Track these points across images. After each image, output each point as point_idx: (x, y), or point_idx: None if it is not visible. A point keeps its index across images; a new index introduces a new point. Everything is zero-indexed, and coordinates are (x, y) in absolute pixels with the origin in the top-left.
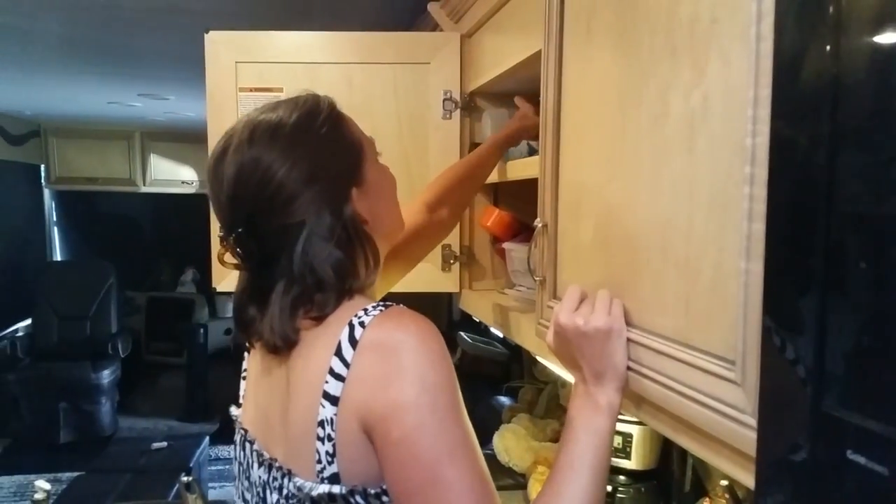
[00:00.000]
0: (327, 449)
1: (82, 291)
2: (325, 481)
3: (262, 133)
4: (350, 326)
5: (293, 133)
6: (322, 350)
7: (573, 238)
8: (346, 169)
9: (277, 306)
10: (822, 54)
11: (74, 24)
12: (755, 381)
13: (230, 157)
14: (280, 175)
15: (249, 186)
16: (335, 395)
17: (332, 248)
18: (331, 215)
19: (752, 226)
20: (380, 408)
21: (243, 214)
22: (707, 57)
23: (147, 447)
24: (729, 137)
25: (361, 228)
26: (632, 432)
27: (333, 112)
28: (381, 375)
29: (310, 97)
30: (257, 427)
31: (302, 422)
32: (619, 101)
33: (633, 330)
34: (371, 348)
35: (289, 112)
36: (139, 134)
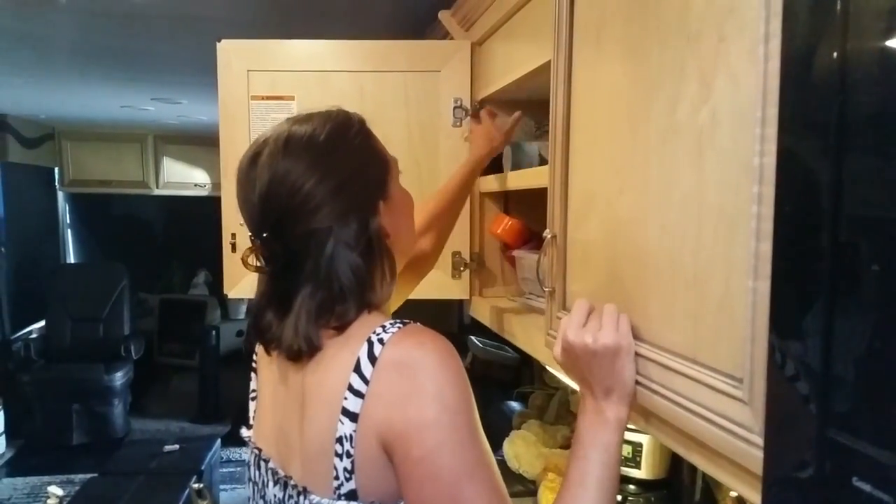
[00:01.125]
0: (345, 465)
1: (95, 293)
2: (342, 498)
3: (296, 143)
4: (369, 343)
5: (326, 144)
6: (340, 366)
7: (582, 249)
8: (374, 182)
9: (303, 310)
10: (828, 73)
11: (89, 31)
12: (763, 399)
13: (263, 162)
14: (310, 184)
15: (281, 193)
16: (354, 411)
17: (356, 259)
18: (357, 224)
19: (759, 245)
20: (400, 426)
21: (272, 219)
22: (715, 74)
23: (159, 449)
24: (737, 155)
25: (384, 241)
26: (642, 442)
27: (363, 128)
28: (401, 394)
29: (341, 112)
30: (272, 445)
31: (319, 438)
32: (629, 114)
33: (641, 344)
34: (390, 366)
35: (322, 124)
36: (152, 137)
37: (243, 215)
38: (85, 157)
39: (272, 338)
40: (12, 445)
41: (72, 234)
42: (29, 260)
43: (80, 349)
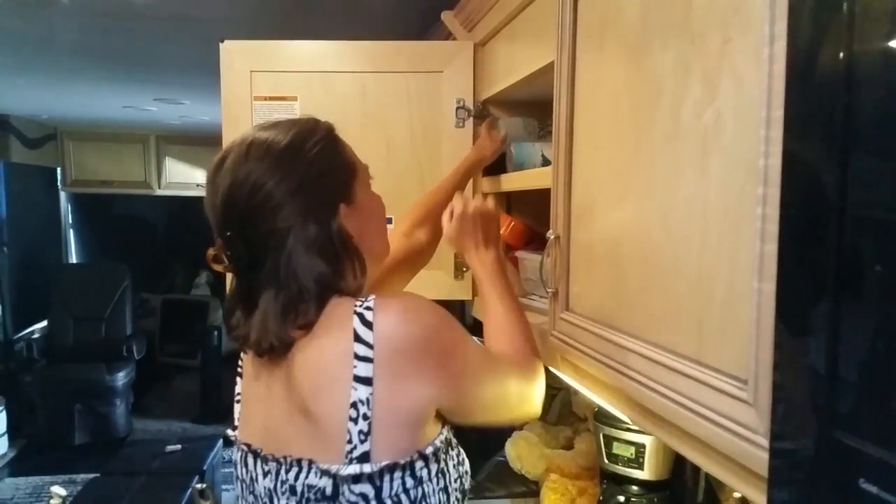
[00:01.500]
0: (361, 428)
1: (97, 293)
2: (353, 461)
3: (257, 149)
4: (358, 315)
5: (285, 150)
6: (335, 343)
7: (585, 250)
8: (335, 185)
9: (268, 309)
10: (834, 74)
11: (91, 31)
12: (768, 401)
13: (226, 168)
14: (269, 185)
15: (241, 194)
16: (366, 376)
17: (315, 259)
18: (315, 225)
19: (764, 246)
20: (433, 361)
21: (234, 218)
22: (719, 75)
23: (161, 449)
24: (742, 157)
25: (349, 241)
26: (645, 443)
27: (329, 135)
28: (413, 336)
29: (309, 120)
30: (261, 438)
31: (328, 409)
32: (632, 116)
33: (645, 345)
34: (391, 322)
35: (285, 131)
36: (154, 137)
37: (210, 218)
38: (87, 157)
39: (239, 335)
40: (15, 445)
41: (74, 235)
42: (31, 260)
43: (83, 349)
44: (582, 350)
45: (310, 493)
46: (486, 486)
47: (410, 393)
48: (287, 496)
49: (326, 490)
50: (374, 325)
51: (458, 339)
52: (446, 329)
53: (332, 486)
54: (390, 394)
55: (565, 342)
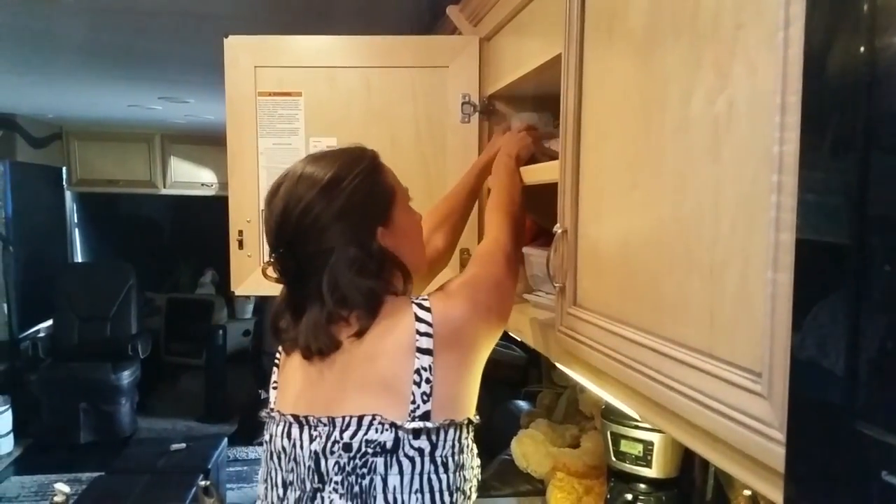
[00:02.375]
0: (424, 390)
1: (103, 293)
2: (416, 419)
3: (308, 177)
4: (417, 304)
5: (331, 180)
6: (399, 328)
7: (594, 244)
8: (374, 210)
9: (312, 320)
10: (854, 57)
11: (96, 29)
12: (783, 394)
13: (281, 193)
14: (316, 210)
15: (292, 217)
16: (428, 347)
17: (356, 276)
18: (356, 247)
19: (779, 235)
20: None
21: (285, 238)
22: (732, 62)
23: (166, 448)
24: (755, 145)
25: (390, 256)
26: (653, 440)
27: (371, 164)
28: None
29: (356, 149)
30: (310, 405)
31: (394, 376)
32: (642, 107)
33: (655, 339)
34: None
35: (332, 163)
36: (159, 136)
37: (266, 237)
38: (92, 156)
39: (287, 338)
40: (20, 444)
41: (79, 234)
42: (37, 259)
43: (88, 348)
44: (590, 345)
45: (367, 448)
46: (492, 484)
47: (467, 357)
48: (338, 454)
49: (387, 444)
50: (431, 310)
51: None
52: (481, 292)
53: (393, 439)
54: (450, 361)
55: (573, 338)
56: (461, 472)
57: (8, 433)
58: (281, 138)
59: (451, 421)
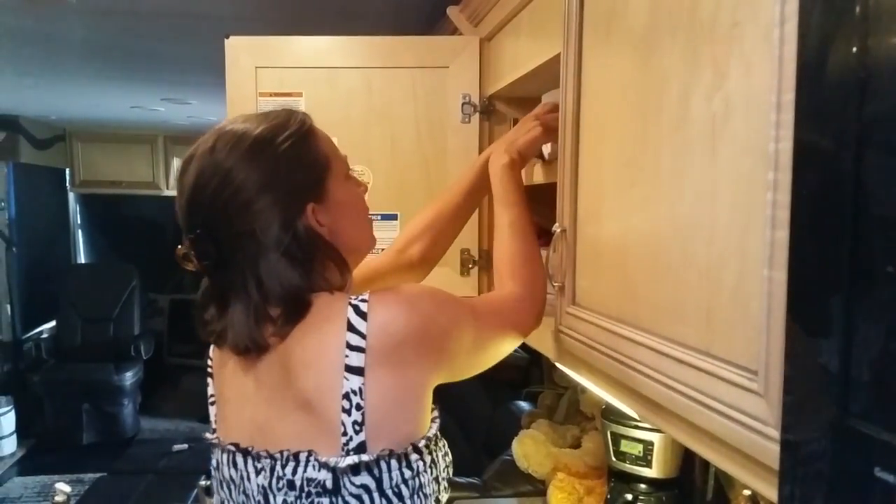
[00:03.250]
0: (355, 419)
1: (106, 294)
2: (350, 453)
3: (225, 142)
4: (352, 307)
5: (254, 144)
6: (327, 334)
7: (592, 243)
8: (302, 184)
9: (240, 313)
10: (848, 55)
11: (98, 31)
12: (779, 392)
13: (194, 163)
14: (237, 182)
15: (207, 190)
16: (358, 366)
17: (281, 262)
18: (280, 227)
19: (775, 233)
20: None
21: (200, 217)
22: (728, 60)
23: (168, 449)
24: (751, 142)
25: (319, 240)
26: (653, 440)
27: (302, 128)
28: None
29: (282, 112)
30: (250, 433)
31: (324, 401)
32: (640, 105)
33: (652, 338)
34: (387, 313)
35: (256, 124)
36: (162, 138)
37: (179, 216)
38: (96, 158)
39: (213, 331)
40: (23, 444)
41: (82, 235)
42: (40, 260)
43: (91, 349)
44: (589, 345)
45: (310, 487)
46: (493, 485)
47: (408, 379)
48: (285, 491)
49: (327, 483)
50: (368, 316)
51: (457, 318)
52: (444, 311)
53: (332, 479)
54: (385, 380)
55: (572, 337)
56: (420, 493)
57: (11, 434)
58: None
59: (389, 451)
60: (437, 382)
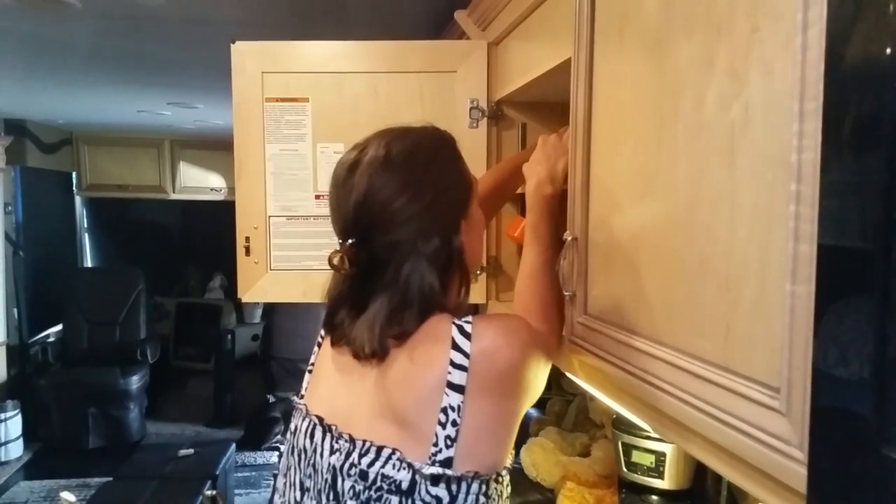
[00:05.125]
0: (448, 433)
1: (112, 298)
2: (436, 464)
3: (396, 156)
4: (457, 326)
5: (420, 163)
6: (433, 350)
7: (604, 252)
8: (459, 201)
9: (375, 318)
10: (881, 61)
11: (105, 35)
12: (802, 410)
13: (363, 171)
14: (402, 200)
15: (375, 204)
16: (459, 384)
17: (431, 273)
18: (440, 240)
19: (798, 246)
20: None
21: (363, 226)
22: (747, 67)
23: (174, 454)
24: (772, 152)
25: (462, 258)
26: (665, 451)
27: (455, 149)
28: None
29: (436, 131)
30: (337, 414)
31: (416, 412)
32: (654, 111)
33: (667, 350)
34: (491, 339)
35: (418, 143)
36: (168, 142)
37: (334, 218)
38: (102, 161)
39: (342, 335)
40: (29, 449)
41: (89, 239)
42: (46, 264)
43: (97, 353)
44: (600, 355)
45: (383, 483)
46: None
47: (506, 409)
48: (355, 479)
49: (402, 484)
50: (472, 337)
51: (540, 353)
52: (535, 346)
53: (409, 481)
54: (484, 408)
55: (583, 346)
56: None
57: (17, 438)
58: (288, 144)
59: (475, 473)
60: (525, 411)
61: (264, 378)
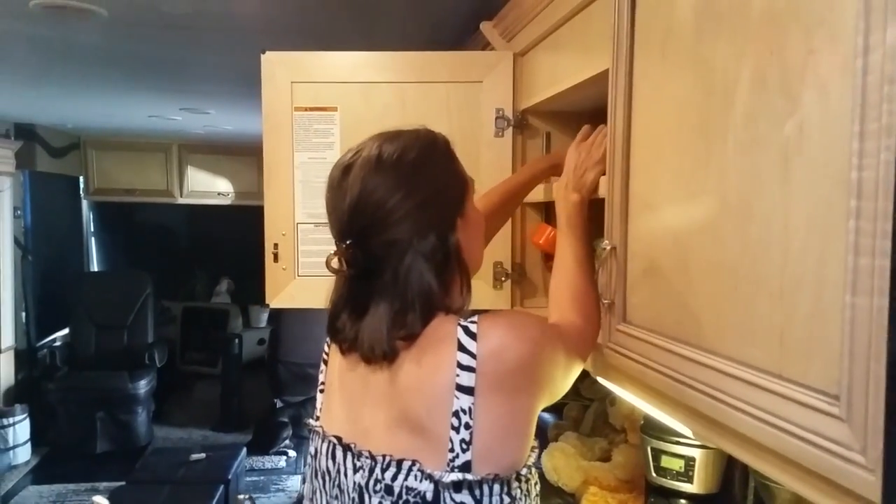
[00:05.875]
0: (463, 437)
1: (120, 302)
2: (455, 470)
3: (386, 160)
4: (463, 328)
5: (413, 163)
6: (440, 352)
7: (645, 261)
8: (454, 200)
9: (379, 320)
10: None
11: (122, 41)
12: (863, 416)
13: (356, 173)
14: (396, 199)
15: (369, 204)
16: (469, 385)
17: (429, 273)
18: (436, 238)
19: (858, 260)
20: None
21: (358, 227)
22: (802, 86)
23: (185, 458)
24: (830, 169)
25: (461, 255)
26: (694, 455)
27: (448, 149)
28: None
29: (429, 132)
30: (354, 432)
31: (429, 417)
32: (701, 126)
33: (716, 358)
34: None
35: (411, 144)
36: (176, 146)
37: (331, 221)
38: (110, 165)
39: (345, 338)
40: (37, 453)
41: (96, 243)
42: (54, 268)
43: (105, 357)
44: (642, 363)
45: (408, 496)
46: None
47: (519, 406)
48: (381, 495)
49: (427, 495)
50: (478, 337)
51: (555, 345)
52: (548, 339)
53: (433, 491)
54: (496, 407)
55: (624, 354)
56: None
57: (25, 442)
58: (316, 152)
59: (495, 475)
60: (542, 408)
61: (272, 382)
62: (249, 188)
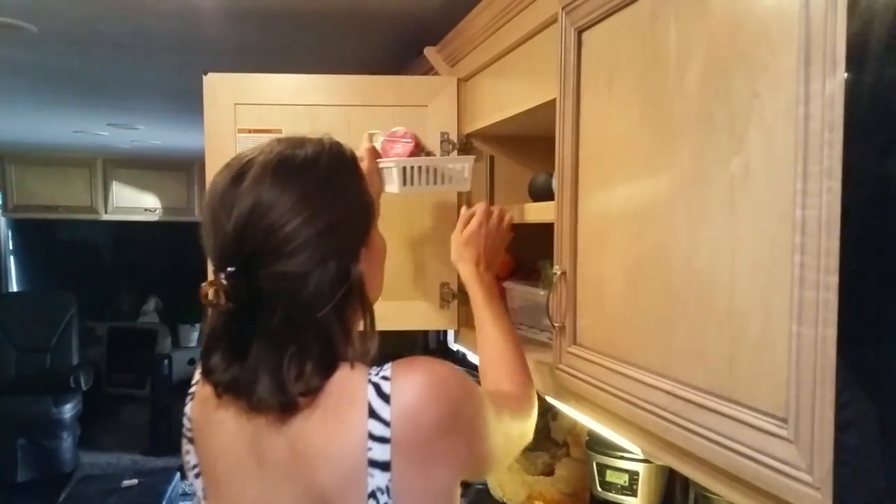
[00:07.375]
0: None
1: (42, 323)
2: None
3: (287, 171)
4: (374, 385)
5: (319, 179)
6: (346, 418)
7: (595, 286)
8: (362, 225)
9: (267, 365)
10: None
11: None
12: (810, 437)
13: (246, 187)
14: (296, 223)
15: (261, 227)
16: (383, 460)
17: (329, 308)
18: (337, 271)
19: (803, 292)
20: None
21: (245, 252)
22: (747, 128)
23: (117, 484)
24: (774, 206)
25: (365, 291)
26: (638, 470)
27: (356, 167)
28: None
29: (335, 143)
30: None
31: (342, 498)
32: (648, 161)
33: (666, 381)
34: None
35: (317, 154)
36: (101, 161)
37: (208, 243)
38: (31, 181)
39: (220, 381)
40: None
41: (15, 262)
42: None
43: (27, 381)
44: (593, 384)
45: None
46: None
47: (440, 477)
48: None
49: None
50: (391, 399)
51: (479, 409)
52: (471, 401)
53: None
54: (416, 483)
55: (575, 376)
56: None
57: None
58: None
59: None
60: (463, 479)
61: None
62: (179, 204)
